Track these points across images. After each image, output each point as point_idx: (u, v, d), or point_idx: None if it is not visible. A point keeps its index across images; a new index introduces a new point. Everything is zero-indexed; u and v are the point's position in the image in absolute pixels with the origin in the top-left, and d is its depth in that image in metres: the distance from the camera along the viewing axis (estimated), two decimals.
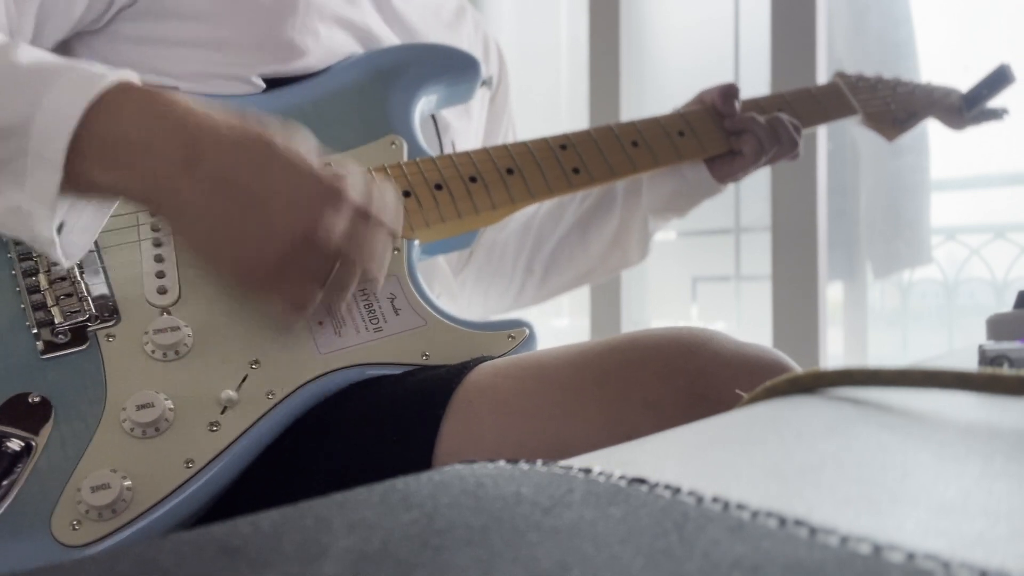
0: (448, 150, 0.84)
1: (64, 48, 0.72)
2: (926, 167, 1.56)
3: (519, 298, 0.99)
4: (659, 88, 1.82)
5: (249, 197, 0.53)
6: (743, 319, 1.73)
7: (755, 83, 1.66)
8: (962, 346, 0.59)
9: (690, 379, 0.55)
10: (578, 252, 0.95)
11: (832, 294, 1.64)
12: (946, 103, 1.05)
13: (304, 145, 0.56)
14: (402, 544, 0.17)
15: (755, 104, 0.92)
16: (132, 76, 0.55)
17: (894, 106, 1.02)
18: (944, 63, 1.56)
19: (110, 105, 0.52)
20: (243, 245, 0.54)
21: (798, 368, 0.58)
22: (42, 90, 0.52)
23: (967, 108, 1.04)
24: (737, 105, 0.88)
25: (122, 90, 0.53)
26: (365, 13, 0.79)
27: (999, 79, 1.02)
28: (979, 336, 0.50)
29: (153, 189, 0.53)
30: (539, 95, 2.00)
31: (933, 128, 1.54)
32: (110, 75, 0.53)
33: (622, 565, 0.16)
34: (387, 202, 0.60)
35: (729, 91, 0.88)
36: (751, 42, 1.69)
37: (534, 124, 0.83)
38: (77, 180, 0.52)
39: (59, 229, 0.54)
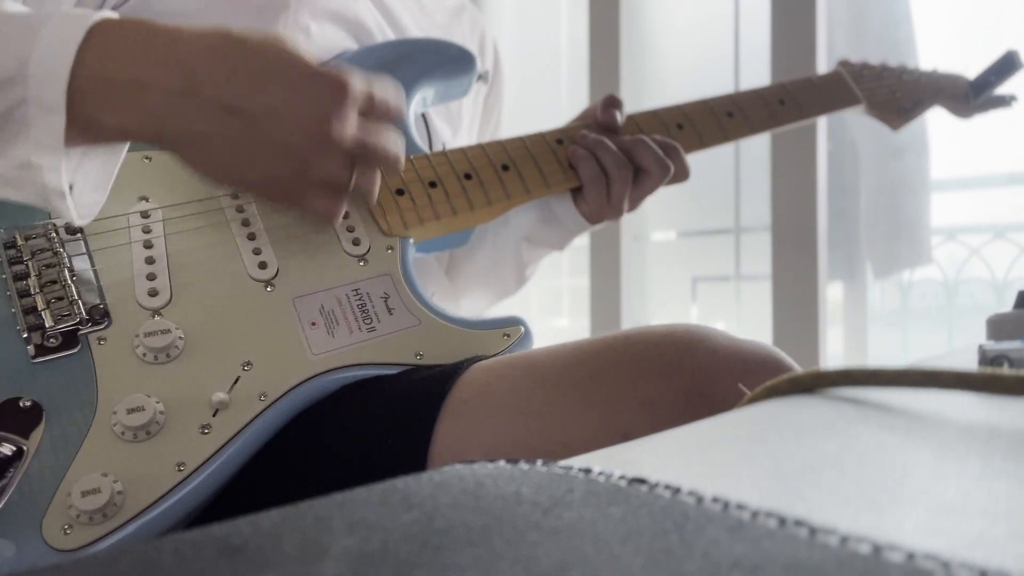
0: (438, 148, 0.83)
1: None
2: (926, 167, 1.56)
3: (458, 303, 0.97)
4: (659, 88, 1.82)
5: (255, 113, 0.54)
6: (743, 319, 1.73)
7: (755, 83, 1.66)
8: (962, 346, 0.59)
9: (686, 376, 0.55)
10: (468, 271, 0.90)
11: (832, 294, 1.64)
12: (952, 91, 1.03)
13: (293, 46, 0.56)
14: (402, 544, 0.17)
15: (756, 95, 0.90)
16: (113, 14, 0.55)
17: (899, 94, 1.00)
18: (944, 63, 1.56)
19: (98, 44, 0.52)
20: (260, 162, 0.55)
21: (795, 364, 0.57)
22: (32, 36, 0.51)
23: (974, 95, 1.02)
24: (619, 117, 0.81)
25: (108, 26, 0.53)
26: (359, 7, 0.79)
27: (1007, 65, 1.00)
28: (979, 336, 0.50)
29: (154, 124, 0.53)
30: (539, 95, 2.00)
31: (933, 128, 1.54)
32: (94, 14, 0.53)
33: (622, 565, 0.16)
34: (387, 88, 0.60)
35: (609, 102, 0.82)
36: (751, 42, 1.69)
37: (534, 124, 0.82)
38: (81, 124, 0.52)
39: (70, 190, 0.54)
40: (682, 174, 0.81)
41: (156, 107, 0.53)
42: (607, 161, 0.77)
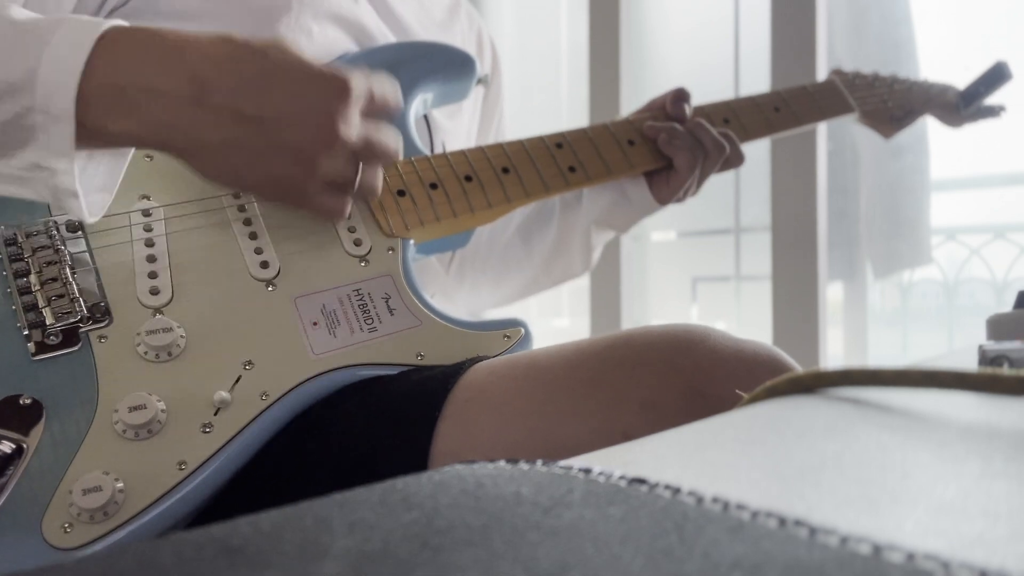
0: (439, 150, 0.84)
1: None
2: (926, 167, 1.56)
3: (477, 301, 0.99)
4: (659, 89, 1.81)
5: (263, 117, 0.54)
6: (743, 319, 1.73)
7: (755, 84, 1.66)
8: (962, 346, 0.59)
9: (687, 376, 0.55)
10: (523, 258, 0.94)
11: (832, 294, 1.64)
12: (943, 100, 1.04)
13: (296, 47, 0.57)
14: (402, 544, 0.17)
15: (751, 102, 0.91)
16: (122, 22, 0.55)
17: (891, 103, 1.02)
18: (944, 63, 1.56)
19: (107, 52, 0.52)
20: (269, 166, 0.56)
21: (795, 364, 0.57)
22: (41, 44, 0.52)
23: (964, 105, 1.03)
24: (688, 110, 0.86)
25: (116, 34, 0.53)
26: (360, 9, 0.79)
27: (996, 76, 1.02)
28: (979, 336, 0.50)
29: (163, 132, 0.53)
30: (539, 95, 2.00)
31: (933, 128, 1.54)
32: (104, 23, 0.53)
33: (622, 565, 0.16)
34: (385, 85, 0.62)
35: (679, 95, 0.87)
36: (751, 43, 1.69)
37: (534, 125, 0.82)
38: (89, 131, 0.52)
39: None
40: (736, 159, 0.86)
41: (165, 115, 0.53)
42: (708, 142, 0.83)
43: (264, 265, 0.64)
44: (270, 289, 0.63)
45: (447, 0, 0.93)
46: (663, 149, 0.83)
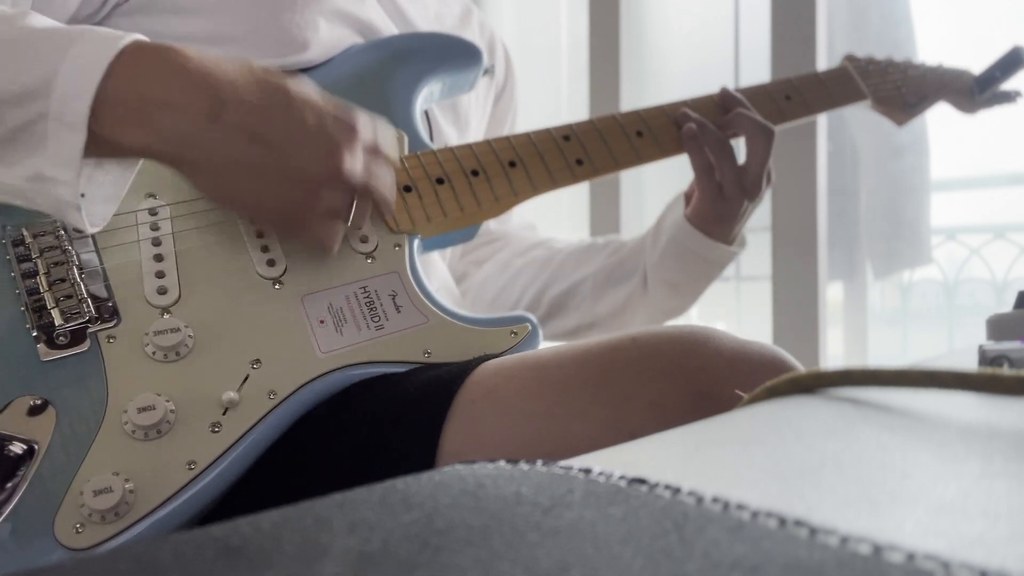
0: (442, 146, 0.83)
1: None
2: (926, 167, 1.56)
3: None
4: (659, 88, 1.82)
5: (276, 142, 0.56)
6: (743, 319, 1.73)
7: (755, 83, 1.66)
8: (962, 346, 0.59)
9: (692, 378, 0.55)
10: (587, 301, 0.91)
11: (832, 294, 1.64)
12: (957, 86, 1.01)
13: (309, 88, 0.59)
14: (402, 544, 0.17)
15: (762, 90, 0.90)
16: (143, 37, 0.55)
17: (904, 90, 0.99)
18: (944, 63, 1.55)
19: (128, 64, 0.53)
20: (273, 189, 0.57)
21: (799, 365, 0.58)
22: (61, 53, 0.52)
23: (979, 91, 1.01)
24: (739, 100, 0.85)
25: (138, 48, 0.54)
26: (368, 7, 0.79)
27: (1012, 61, 0.99)
28: (979, 336, 0.50)
29: (177, 145, 0.54)
30: (539, 95, 2.00)
31: (933, 128, 1.54)
32: (126, 36, 0.54)
33: (622, 565, 0.16)
34: (385, 131, 0.64)
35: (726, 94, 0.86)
36: (751, 42, 1.69)
37: (534, 125, 0.82)
38: (99, 141, 0.52)
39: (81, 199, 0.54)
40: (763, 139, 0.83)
41: (180, 128, 0.53)
42: (749, 126, 0.82)
43: (271, 263, 0.64)
44: (277, 287, 0.63)
45: (459, 7, 0.92)
46: (684, 144, 0.81)
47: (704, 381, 0.55)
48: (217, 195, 0.59)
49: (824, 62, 1.55)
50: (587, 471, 0.21)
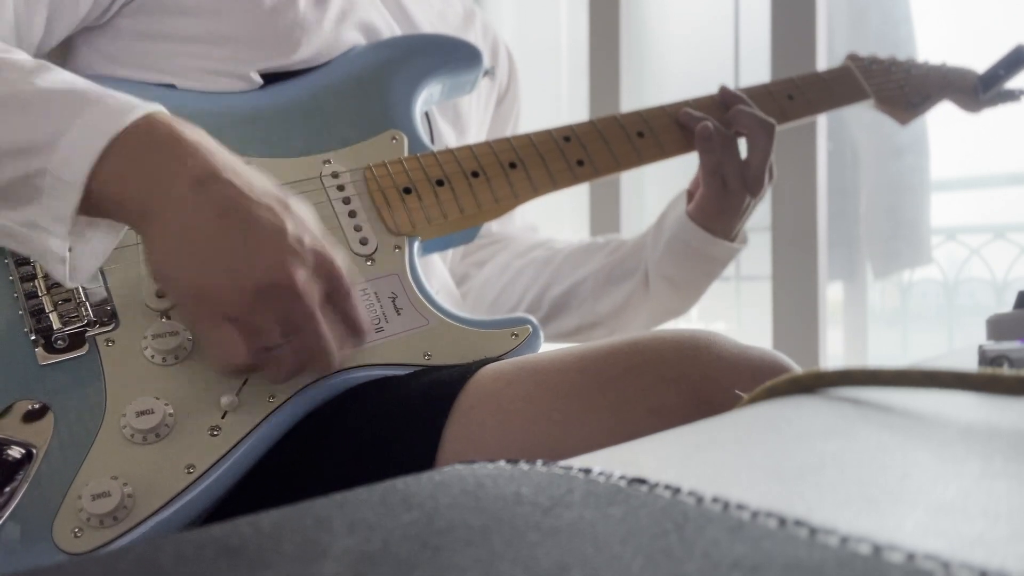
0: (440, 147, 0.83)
1: (66, 44, 0.72)
2: (926, 167, 1.56)
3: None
4: (659, 88, 1.82)
5: (247, 227, 0.52)
6: (743, 319, 1.73)
7: (755, 83, 1.66)
8: (962, 346, 0.59)
9: (693, 383, 0.55)
10: (588, 300, 0.90)
11: (832, 294, 1.64)
12: (961, 85, 1.01)
13: (312, 220, 0.56)
14: (402, 544, 0.17)
15: (764, 90, 0.90)
16: (161, 108, 0.55)
17: (908, 89, 0.98)
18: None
19: (136, 136, 0.53)
20: (229, 269, 0.52)
21: (800, 371, 0.58)
22: (73, 115, 0.52)
23: (983, 90, 1.00)
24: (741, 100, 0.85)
25: (149, 123, 0.53)
26: (370, 7, 0.79)
27: (1017, 60, 0.98)
28: (979, 336, 0.50)
29: (156, 197, 0.52)
30: (539, 95, 2.00)
31: (933, 128, 1.54)
32: (141, 107, 0.54)
33: (622, 565, 0.16)
34: (356, 295, 0.58)
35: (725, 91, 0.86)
36: (751, 42, 1.69)
37: (533, 125, 0.82)
38: (94, 201, 0.52)
39: (68, 252, 0.54)
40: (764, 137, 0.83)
41: (164, 185, 0.52)
42: (750, 123, 0.81)
43: None
44: None
45: (462, 9, 0.92)
46: (697, 143, 0.81)
47: (706, 387, 0.55)
48: (165, 261, 0.53)
49: (824, 62, 1.55)
50: (587, 471, 0.21)
